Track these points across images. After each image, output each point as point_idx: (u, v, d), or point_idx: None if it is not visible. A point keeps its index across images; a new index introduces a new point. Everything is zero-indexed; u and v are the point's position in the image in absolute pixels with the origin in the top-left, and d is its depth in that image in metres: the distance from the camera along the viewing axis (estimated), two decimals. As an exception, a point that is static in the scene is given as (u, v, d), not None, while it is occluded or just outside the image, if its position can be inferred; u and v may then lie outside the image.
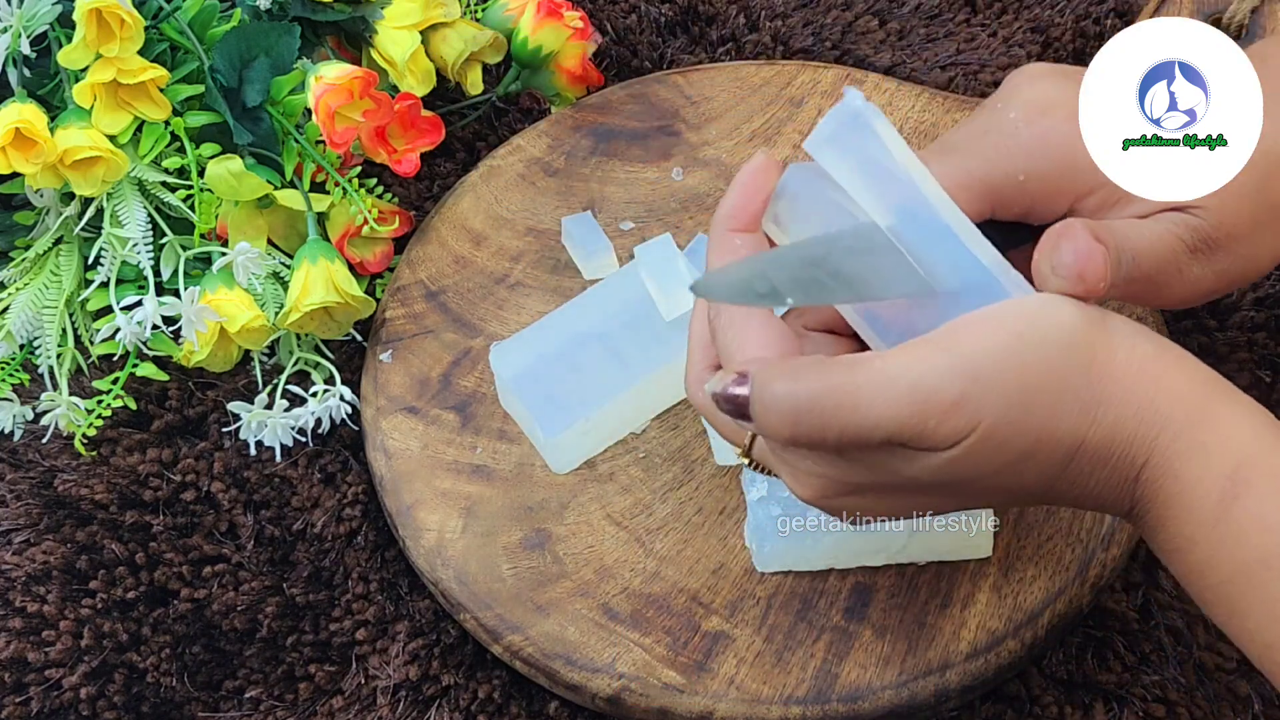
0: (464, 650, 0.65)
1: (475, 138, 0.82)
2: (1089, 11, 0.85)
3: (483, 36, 0.78)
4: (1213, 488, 0.46)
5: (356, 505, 0.69)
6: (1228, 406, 0.48)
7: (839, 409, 0.46)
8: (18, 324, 0.71)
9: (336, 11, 0.75)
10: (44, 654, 0.65)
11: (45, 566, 0.67)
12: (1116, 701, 0.62)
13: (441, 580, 0.64)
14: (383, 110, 0.71)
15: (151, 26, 0.71)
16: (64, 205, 0.73)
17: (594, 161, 0.77)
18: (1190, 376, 0.48)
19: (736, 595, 0.62)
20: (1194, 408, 0.48)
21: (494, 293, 0.73)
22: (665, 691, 0.60)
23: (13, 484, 0.71)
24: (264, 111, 0.72)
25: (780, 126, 0.78)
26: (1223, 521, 0.46)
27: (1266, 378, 0.70)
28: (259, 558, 0.68)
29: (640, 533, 0.65)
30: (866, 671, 0.60)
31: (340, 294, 0.69)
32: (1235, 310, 0.72)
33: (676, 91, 0.80)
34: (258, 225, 0.73)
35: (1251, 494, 0.46)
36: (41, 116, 0.68)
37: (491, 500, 0.66)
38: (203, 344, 0.69)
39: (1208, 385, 0.49)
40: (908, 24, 0.86)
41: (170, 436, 0.72)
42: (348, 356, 0.74)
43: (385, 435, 0.69)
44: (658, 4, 0.87)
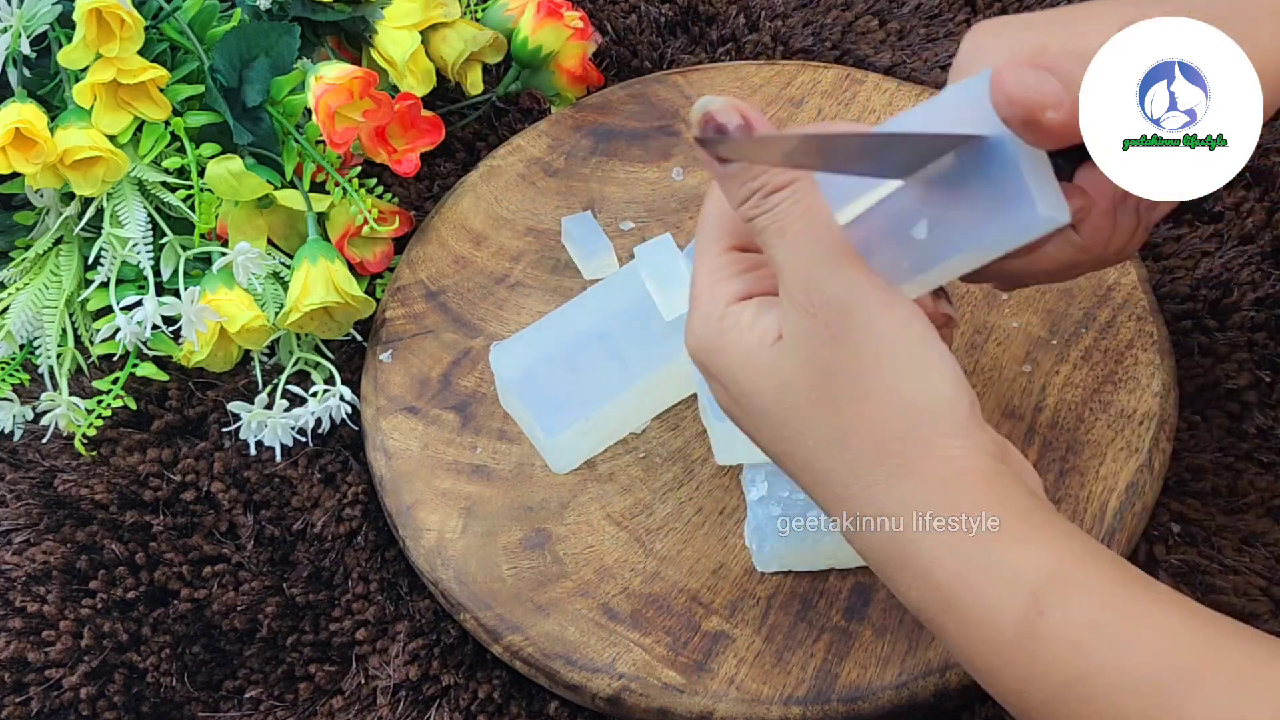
0: (464, 650, 0.65)
1: (475, 138, 0.82)
2: (1089, 11, 0.85)
3: (483, 36, 0.78)
4: (1014, 607, 0.45)
5: (356, 505, 0.69)
6: (1040, 529, 0.47)
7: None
8: (18, 324, 0.71)
9: (336, 11, 0.75)
10: (44, 654, 0.65)
11: (45, 566, 0.67)
12: (1116, 701, 0.62)
13: (441, 580, 0.64)
14: (383, 110, 0.71)
15: (151, 26, 0.71)
16: (64, 205, 0.73)
17: (594, 161, 0.77)
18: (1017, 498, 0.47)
19: (736, 595, 0.62)
20: (1010, 519, 0.46)
21: (494, 293, 0.73)
22: (665, 691, 0.60)
23: (13, 484, 0.71)
24: (264, 111, 0.72)
25: (780, 126, 0.78)
26: (1028, 642, 0.44)
27: (1266, 378, 0.70)
28: (259, 558, 0.68)
29: (640, 533, 0.65)
30: (866, 671, 0.60)
31: (340, 294, 0.69)
32: (1235, 310, 0.72)
33: (676, 91, 0.80)
34: (258, 225, 0.73)
35: (1059, 610, 0.44)
36: (41, 116, 0.68)
37: (491, 500, 0.66)
38: (203, 344, 0.69)
39: (1029, 513, 0.47)
40: (908, 24, 0.86)
41: (170, 436, 0.72)
42: (348, 356, 0.74)
43: (385, 435, 0.69)
44: (658, 4, 0.87)
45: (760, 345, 0.49)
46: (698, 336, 0.51)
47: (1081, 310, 0.69)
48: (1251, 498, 0.66)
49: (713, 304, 0.51)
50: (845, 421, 0.48)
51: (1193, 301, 0.72)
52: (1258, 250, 0.74)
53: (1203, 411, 0.69)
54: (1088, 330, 0.68)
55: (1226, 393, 0.69)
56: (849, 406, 0.47)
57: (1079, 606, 0.44)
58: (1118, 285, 0.69)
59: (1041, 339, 0.68)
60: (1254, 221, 0.75)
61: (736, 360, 0.50)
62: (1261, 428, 0.68)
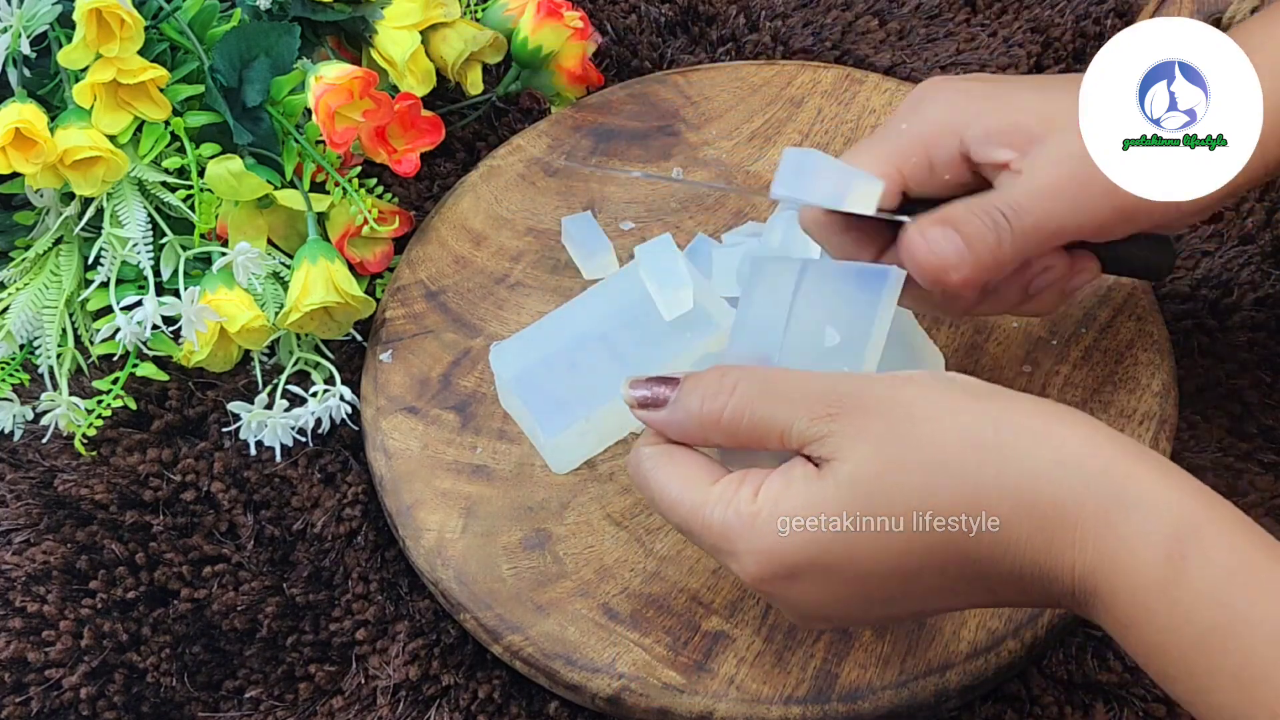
0: (464, 650, 0.65)
1: (475, 138, 0.82)
2: (1089, 11, 0.85)
3: (483, 36, 0.78)
4: (1156, 548, 0.45)
5: (356, 505, 0.69)
6: (1144, 464, 0.47)
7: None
8: (18, 324, 0.71)
9: (336, 11, 0.75)
10: (44, 654, 0.65)
11: (45, 566, 0.67)
12: (1116, 701, 0.62)
13: (441, 580, 0.64)
14: (383, 110, 0.71)
15: (151, 26, 0.71)
16: (64, 205, 0.73)
17: (594, 161, 0.77)
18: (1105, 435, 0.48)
19: (736, 595, 0.62)
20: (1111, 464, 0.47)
21: (494, 293, 0.73)
22: (665, 691, 0.60)
23: (13, 484, 0.71)
24: (264, 111, 0.72)
25: (780, 126, 0.78)
26: (1171, 587, 0.45)
27: (1266, 378, 0.70)
28: (259, 558, 0.68)
29: (640, 533, 0.65)
30: (866, 671, 0.60)
31: (340, 294, 0.69)
32: (1235, 310, 0.72)
33: (676, 91, 0.80)
34: (258, 225, 0.73)
35: (1198, 555, 0.45)
36: (41, 116, 0.68)
37: (491, 500, 0.66)
38: (203, 344, 0.69)
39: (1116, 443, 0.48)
40: (908, 24, 0.86)
41: (170, 436, 0.72)
42: (348, 356, 0.74)
43: (385, 435, 0.69)
44: (658, 4, 0.88)
45: (816, 480, 0.49)
46: (757, 553, 0.49)
47: (1081, 310, 0.69)
48: (1252, 498, 0.66)
49: (738, 516, 0.50)
50: (932, 444, 0.48)
51: (1193, 301, 0.72)
52: (1258, 250, 0.74)
53: (1203, 411, 0.69)
54: (1088, 330, 0.68)
55: (1226, 393, 0.69)
56: (928, 434, 0.48)
57: (1218, 552, 0.45)
58: (1118, 285, 0.69)
59: (1041, 339, 0.68)
60: (1254, 221, 0.75)
61: (807, 520, 0.49)
62: (1262, 427, 0.68)
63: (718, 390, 0.51)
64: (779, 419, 0.49)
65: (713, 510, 0.50)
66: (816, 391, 0.49)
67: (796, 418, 0.49)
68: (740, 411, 0.50)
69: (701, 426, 0.51)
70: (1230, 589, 0.44)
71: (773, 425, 0.50)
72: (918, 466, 0.47)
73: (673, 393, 0.52)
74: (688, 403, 0.52)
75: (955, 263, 0.53)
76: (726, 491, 0.50)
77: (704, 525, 0.51)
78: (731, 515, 0.50)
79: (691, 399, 0.52)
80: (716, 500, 0.50)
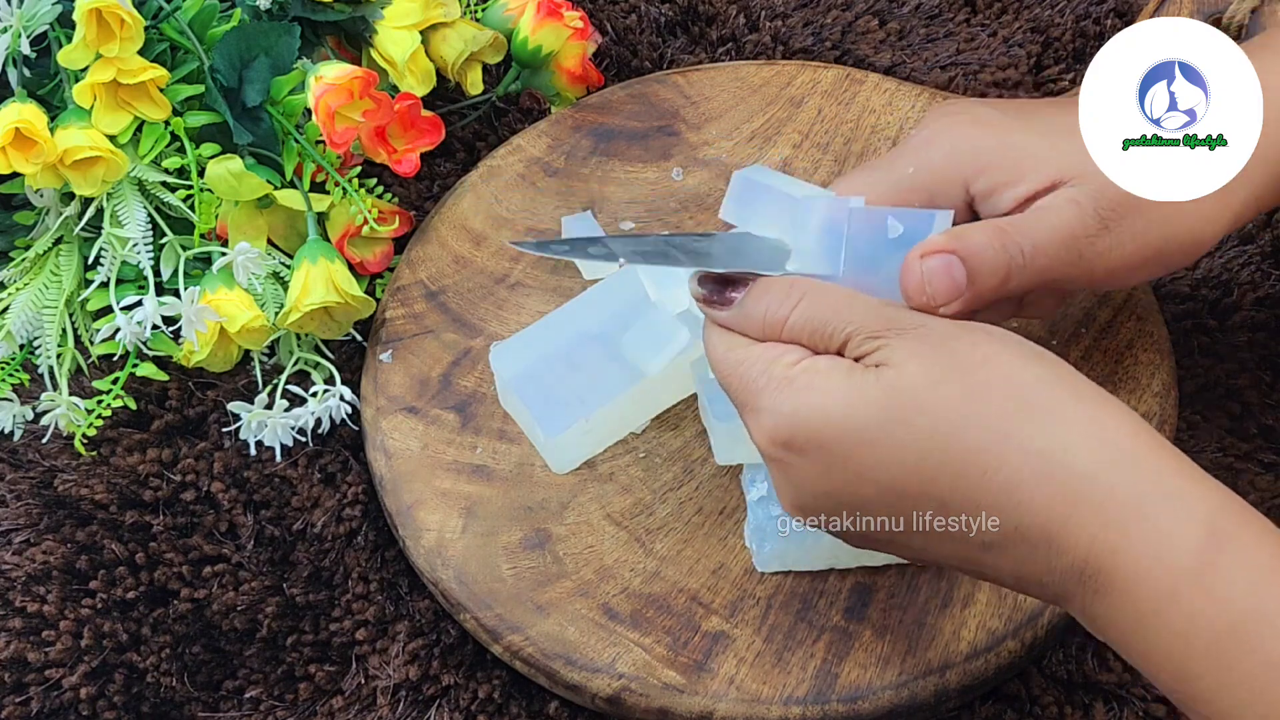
0: (464, 650, 0.65)
1: (475, 138, 0.82)
2: (1089, 11, 0.85)
3: (483, 36, 0.78)
4: (1191, 535, 0.45)
5: (356, 505, 0.69)
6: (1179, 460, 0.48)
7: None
8: (18, 324, 0.71)
9: (336, 11, 0.75)
10: (44, 654, 0.65)
11: (45, 566, 0.67)
12: (1116, 701, 0.62)
13: (441, 580, 0.64)
14: (383, 110, 0.71)
15: (151, 26, 0.71)
16: (64, 205, 0.73)
17: (594, 161, 0.77)
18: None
19: (736, 595, 0.62)
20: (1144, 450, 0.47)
21: (494, 293, 0.73)
22: (665, 691, 0.60)
23: (13, 484, 0.71)
24: (264, 111, 0.72)
25: (780, 126, 0.78)
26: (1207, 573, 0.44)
27: (1266, 378, 0.70)
28: (259, 558, 0.68)
29: (640, 533, 0.65)
30: (866, 671, 0.60)
31: (340, 294, 0.69)
32: (1235, 310, 0.72)
33: (676, 91, 0.80)
34: (258, 225, 0.73)
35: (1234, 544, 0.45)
36: (41, 116, 0.68)
37: (491, 500, 0.66)
38: (203, 344, 0.69)
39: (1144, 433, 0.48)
40: (908, 24, 0.86)
41: (170, 436, 0.72)
42: (348, 356, 0.74)
43: (385, 435, 0.69)
44: (658, 4, 0.88)
45: (860, 373, 0.50)
46: (776, 413, 0.51)
47: (1081, 310, 0.69)
48: (1252, 498, 0.66)
49: (770, 377, 0.51)
50: (978, 383, 0.48)
51: (1193, 301, 0.72)
52: (1258, 250, 0.74)
53: (1203, 411, 0.69)
54: (1088, 330, 0.68)
55: (1227, 393, 0.69)
56: (978, 374, 0.49)
57: (1252, 547, 0.45)
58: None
59: (1041, 339, 0.68)
60: (1254, 221, 0.75)
61: (836, 400, 0.49)
62: (1262, 427, 0.68)
63: (785, 298, 0.52)
64: (842, 330, 0.51)
65: (752, 365, 0.52)
66: (885, 314, 0.51)
67: (861, 331, 0.50)
68: (806, 318, 0.52)
69: (764, 329, 0.53)
70: (1269, 581, 0.44)
71: (836, 334, 0.51)
72: (960, 400, 0.48)
73: (739, 294, 0.54)
74: (754, 307, 0.53)
75: (946, 300, 0.52)
76: (770, 352, 0.52)
77: (740, 377, 0.52)
78: (766, 372, 0.51)
79: (758, 305, 0.53)
80: (758, 358, 0.52)
